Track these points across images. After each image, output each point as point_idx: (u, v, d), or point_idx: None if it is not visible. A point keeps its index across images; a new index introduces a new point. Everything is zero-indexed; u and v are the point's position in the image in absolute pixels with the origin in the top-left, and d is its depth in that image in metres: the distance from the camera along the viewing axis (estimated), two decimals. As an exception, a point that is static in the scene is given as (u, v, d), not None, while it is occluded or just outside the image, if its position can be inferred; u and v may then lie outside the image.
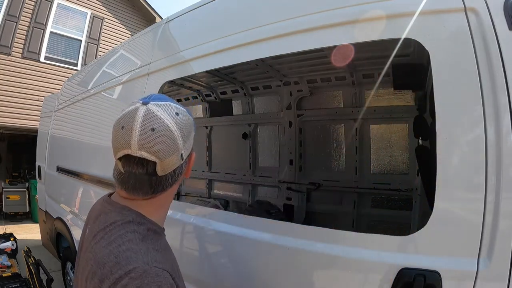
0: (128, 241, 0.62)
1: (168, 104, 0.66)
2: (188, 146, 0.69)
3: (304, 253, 1.03)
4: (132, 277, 0.56)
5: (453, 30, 0.86)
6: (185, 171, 0.73)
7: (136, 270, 0.57)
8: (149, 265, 0.59)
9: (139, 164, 0.63)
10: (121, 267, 0.58)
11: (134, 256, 0.59)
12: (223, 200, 3.32)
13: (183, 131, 0.65)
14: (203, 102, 3.41)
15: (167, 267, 0.61)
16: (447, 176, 0.83)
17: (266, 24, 1.23)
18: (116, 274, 0.57)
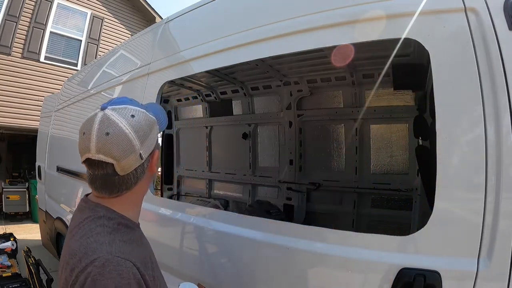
0: (96, 234, 0.67)
1: (124, 107, 0.71)
2: (148, 145, 0.72)
3: (304, 253, 1.03)
4: (96, 265, 0.62)
5: (453, 30, 0.86)
6: (150, 168, 0.76)
7: (99, 259, 0.62)
8: (112, 254, 0.64)
9: (99, 166, 0.68)
10: (88, 256, 0.63)
11: (100, 247, 0.65)
12: (223, 200, 3.33)
13: (139, 132, 0.69)
14: (203, 102, 3.41)
15: (132, 258, 0.66)
16: (447, 176, 0.83)
17: (266, 24, 1.23)
18: (83, 263, 0.63)
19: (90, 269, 0.62)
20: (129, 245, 0.70)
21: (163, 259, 1.55)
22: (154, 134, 0.74)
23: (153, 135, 0.74)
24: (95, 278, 0.61)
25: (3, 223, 6.41)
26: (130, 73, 1.98)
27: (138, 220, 0.82)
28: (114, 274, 0.61)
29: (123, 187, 0.72)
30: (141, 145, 0.70)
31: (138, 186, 0.75)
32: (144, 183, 0.77)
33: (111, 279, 0.61)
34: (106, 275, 0.61)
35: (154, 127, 0.75)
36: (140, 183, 0.75)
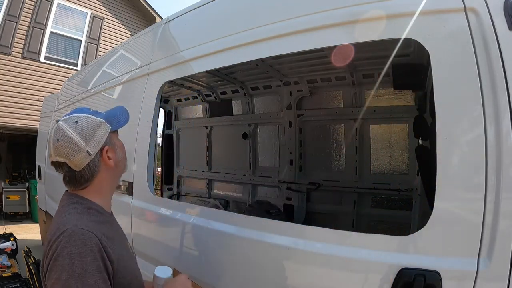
0: (68, 214, 0.84)
1: (70, 117, 0.88)
2: (94, 143, 0.87)
3: (304, 253, 1.03)
4: (64, 235, 0.76)
5: (453, 30, 0.86)
6: (104, 162, 0.90)
7: (67, 230, 0.77)
8: (77, 227, 0.78)
9: (59, 166, 0.88)
10: (59, 230, 0.78)
11: (68, 222, 0.80)
12: (223, 200, 3.33)
13: (83, 134, 0.85)
14: (203, 102, 3.41)
15: (95, 231, 0.79)
16: (447, 176, 0.83)
17: (266, 24, 1.23)
18: (56, 235, 0.77)
19: (60, 239, 0.76)
20: (95, 223, 0.83)
21: (163, 258, 1.56)
22: (100, 133, 0.89)
23: (99, 134, 0.88)
24: (63, 245, 0.75)
25: (3, 223, 6.41)
26: (130, 73, 1.98)
27: (111, 210, 0.98)
28: (78, 242, 0.75)
29: (83, 180, 0.88)
30: (87, 144, 0.85)
31: (98, 178, 0.90)
32: (103, 175, 0.91)
33: (76, 246, 0.75)
34: (72, 242, 0.75)
35: (100, 127, 0.89)
36: (99, 176, 0.90)
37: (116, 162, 0.93)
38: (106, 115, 0.94)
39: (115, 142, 0.94)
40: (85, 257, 0.75)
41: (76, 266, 0.74)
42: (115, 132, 0.96)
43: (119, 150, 0.95)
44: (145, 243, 1.70)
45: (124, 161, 0.98)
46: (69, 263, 0.74)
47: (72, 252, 0.74)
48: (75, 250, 0.74)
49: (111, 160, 0.91)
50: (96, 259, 0.76)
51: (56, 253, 0.75)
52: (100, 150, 0.89)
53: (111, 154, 0.91)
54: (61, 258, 0.74)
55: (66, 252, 0.74)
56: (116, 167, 0.94)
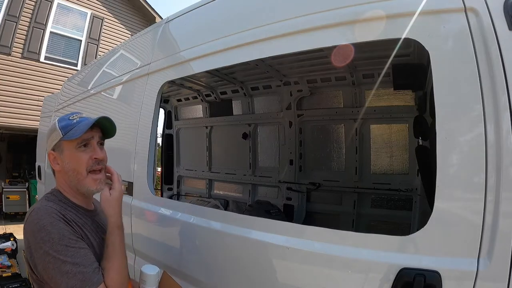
0: (40, 201, 0.96)
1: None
2: (48, 145, 1.01)
3: (304, 253, 1.03)
4: (32, 214, 0.88)
5: (453, 30, 0.86)
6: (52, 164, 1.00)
7: (34, 210, 0.90)
8: (42, 205, 0.91)
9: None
10: (30, 212, 0.91)
11: (36, 204, 0.94)
12: (223, 200, 3.33)
13: (46, 135, 1.02)
14: (203, 102, 3.41)
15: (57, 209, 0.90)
16: (447, 176, 0.83)
17: (266, 24, 1.23)
18: (25, 218, 0.90)
19: (29, 219, 0.87)
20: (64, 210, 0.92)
21: (163, 258, 1.56)
22: (51, 138, 0.99)
23: (51, 138, 0.99)
24: (34, 222, 0.86)
25: (3, 223, 6.41)
26: (130, 73, 1.98)
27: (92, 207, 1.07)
28: (45, 215, 0.87)
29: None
30: (46, 143, 1.02)
31: (56, 175, 1.02)
32: (58, 175, 1.01)
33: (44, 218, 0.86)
34: (40, 217, 0.86)
35: (53, 133, 0.98)
36: (56, 174, 1.02)
37: (64, 169, 0.98)
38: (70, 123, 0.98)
39: (64, 151, 0.97)
40: (57, 224, 0.85)
41: (53, 233, 0.83)
42: (71, 142, 0.96)
43: (69, 161, 0.97)
44: (145, 243, 1.70)
45: (74, 174, 0.97)
46: (46, 234, 0.83)
47: (44, 224, 0.84)
48: (46, 222, 0.84)
49: (57, 165, 0.99)
50: (66, 225, 0.87)
51: (32, 232, 0.84)
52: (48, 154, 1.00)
53: (58, 160, 0.98)
54: (38, 234, 0.83)
55: (39, 226, 0.84)
56: (65, 174, 0.98)
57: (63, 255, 0.82)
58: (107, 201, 0.99)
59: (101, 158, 0.99)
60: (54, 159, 0.99)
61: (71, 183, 0.98)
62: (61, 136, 0.96)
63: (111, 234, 0.96)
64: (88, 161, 0.97)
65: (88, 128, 0.95)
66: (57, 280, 0.82)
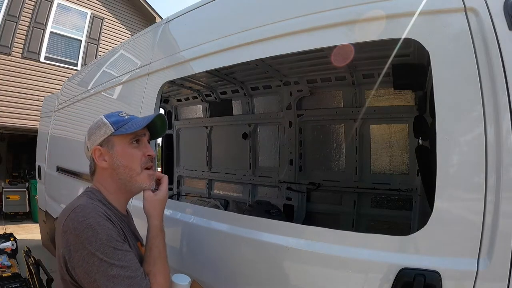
0: (78, 198, 0.89)
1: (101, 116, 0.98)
2: (92, 141, 0.95)
3: (304, 253, 1.03)
4: (76, 211, 0.80)
5: (453, 30, 0.86)
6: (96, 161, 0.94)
7: (79, 206, 0.82)
8: (88, 202, 0.84)
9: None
10: (69, 209, 0.83)
11: (78, 201, 0.86)
12: (223, 200, 3.33)
13: (89, 132, 0.97)
14: (203, 102, 3.41)
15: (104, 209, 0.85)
16: (447, 176, 0.83)
17: (266, 24, 1.23)
18: (66, 214, 0.81)
19: (74, 215, 0.80)
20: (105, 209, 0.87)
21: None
22: (98, 133, 0.94)
23: (97, 133, 0.94)
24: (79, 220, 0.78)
25: (3, 223, 6.41)
26: (130, 73, 1.98)
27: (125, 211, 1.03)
28: (93, 213, 0.80)
29: (90, 171, 0.99)
30: (88, 140, 0.96)
31: (97, 174, 0.97)
32: (101, 174, 0.95)
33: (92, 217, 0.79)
34: (87, 215, 0.79)
35: (101, 128, 0.94)
36: (97, 173, 0.96)
37: (113, 166, 0.92)
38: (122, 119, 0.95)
39: (115, 147, 0.93)
40: (104, 224, 0.79)
41: (100, 233, 0.76)
42: (123, 137, 0.93)
43: (120, 157, 0.92)
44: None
45: (126, 171, 0.93)
46: (93, 234, 0.76)
47: (91, 224, 0.77)
48: (93, 221, 0.78)
49: (104, 162, 0.93)
50: (113, 226, 0.81)
51: (74, 230, 0.77)
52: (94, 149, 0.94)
53: (106, 157, 0.93)
54: (83, 233, 0.76)
55: (85, 225, 0.77)
56: (113, 171, 0.93)
57: (110, 257, 0.76)
58: (151, 202, 0.97)
59: (153, 155, 0.98)
60: (100, 155, 0.93)
61: (120, 180, 0.93)
62: (112, 131, 0.92)
63: (155, 237, 0.93)
64: (141, 158, 0.94)
65: (147, 123, 0.94)
66: (101, 285, 0.75)
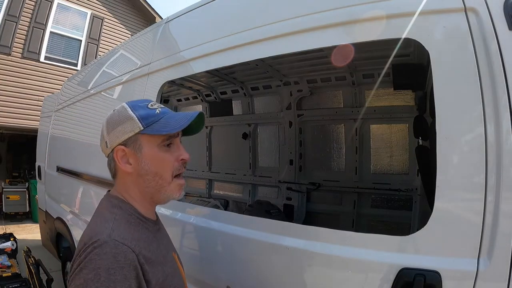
0: (105, 221, 0.72)
1: (122, 103, 0.81)
2: (112, 137, 0.77)
3: (304, 253, 1.03)
4: (95, 246, 0.65)
5: (453, 30, 0.86)
6: (118, 163, 0.77)
7: (99, 240, 0.66)
8: (111, 238, 0.67)
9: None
10: (91, 238, 0.67)
11: (104, 230, 0.68)
12: (223, 200, 3.33)
13: (108, 124, 0.78)
14: (203, 102, 3.41)
15: (131, 244, 0.68)
16: (447, 176, 0.83)
17: (266, 24, 1.23)
18: (86, 244, 0.66)
19: (90, 249, 0.65)
20: (134, 233, 0.72)
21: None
22: (121, 128, 0.76)
23: (120, 129, 0.76)
24: (91, 257, 0.64)
25: (3, 223, 6.41)
26: (130, 73, 1.98)
27: (155, 217, 0.87)
28: (109, 256, 0.64)
29: (110, 172, 0.81)
30: (107, 134, 0.78)
31: (119, 177, 0.80)
32: (124, 177, 0.79)
33: (105, 260, 0.63)
34: (102, 255, 0.64)
35: (126, 122, 0.76)
36: (119, 175, 0.80)
37: (139, 172, 0.76)
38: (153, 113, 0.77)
39: (144, 149, 0.76)
40: (114, 275, 0.63)
41: (101, 283, 0.62)
42: (153, 137, 0.76)
43: (149, 162, 0.76)
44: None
45: (155, 179, 0.77)
46: (93, 278, 0.62)
47: (99, 267, 0.63)
48: (103, 265, 0.63)
49: (129, 165, 0.76)
50: (127, 278, 0.64)
51: (82, 264, 0.64)
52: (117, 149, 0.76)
53: (131, 159, 0.76)
54: (86, 271, 0.63)
55: (93, 265, 0.63)
56: (140, 178, 0.77)
57: None
58: None
59: (188, 159, 0.81)
60: (123, 156, 0.76)
61: (147, 189, 0.77)
62: (140, 128, 0.74)
63: None
64: (174, 164, 0.78)
65: (187, 124, 0.77)
66: None
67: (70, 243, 2.77)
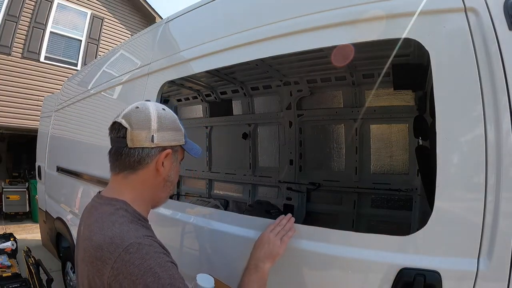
0: (120, 224, 0.71)
1: (162, 105, 0.84)
2: (163, 136, 0.79)
3: (304, 253, 1.03)
4: (131, 252, 0.65)
5: (453, 30, 0.86)
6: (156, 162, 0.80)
7: (132, 245, 0.66)
8: (141, 238, 0.68)
9: (116, 127, 0.78)
10: (118, 246, 0.66)
11: (127, 234, 0.68)
12: (223, 200, 3.33)
13: (161, 119, 0.79)
14: (203, 102, 3.41)
15: (156, 240, 0.73)
16: (447, 176, 0.83)
17: (266, 24, 1.23)
18: (115, 253, 0.65)
19: (128, 257, 0.64)
20: (149, 230, 0.77)
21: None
22: (175, 134, 0.82)
23: (172, 132, 0.81)
24: (137, 263, 0.64)
25: (3, 223, 6.41)
26: (130, 73, 1.98)
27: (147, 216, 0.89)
28: (152, 253, 0.66)
29: (126, 162, 0.78)
30: (157, 130, 0.78)
31: (142, 172, 0.79)
32: (149, 174, 0.80)
33: (152, 258, 0.65)
34: (145, 256, 0.65)
35: (178, 131, 0.83)
36: (145, 171, 0.79)
37: (166, 176, 0.83)
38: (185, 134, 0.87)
39: (177, 161, 0.86)
40: (166, 265, 0.67)
41: (163, 278, 0.64)
42: (182, 154, 0.87)
43: (174, 173, 0.86)
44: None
45: (171, 186, 0.86)
46: (154, 280, 0.63)
47: (151, 266, 0.64)
48: (153, 263, 0.65)
49: (163, 167, 0.81)
50: (173, 264, 0.70)
51: (130, 276, 0.63)
52: (162, 149, 0.80)
53: (167, 162, 0.81)
54: (142, 278, 0.63)
55: (144, 268, 0.64)
56: (163, 181, 0.83)
57: None
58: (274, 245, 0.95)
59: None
60: (166, 157, 0.81)
61: (160, 193, 0.85)
62: (183, 142, 0.85)
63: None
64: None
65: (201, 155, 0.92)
66: None
67: (70, 243, 2.77)
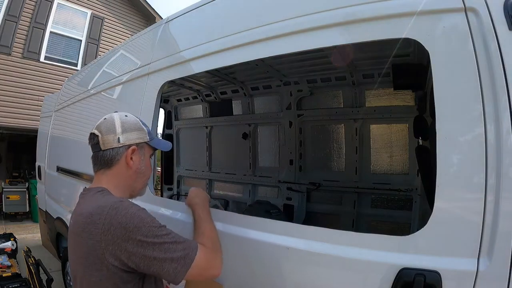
0: (103, 196, 0.91)
1: (125, 113, 1.04)
2: (127, 137, 0.98)
3: (304, 253, 1.03)
4: (115, 207, 0.83)
5: (453, 30, 0.86)
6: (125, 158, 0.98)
7: (115, 203, 0.85)
8: (122, 199, 0.89)
9: (91, 137, 1.00)
10: (104, 207, 0.84)
11: (110, 199, 0.88)
12: (223, 200, 3.33)
13: (124, 124, 0.99)
14: (203, 102, 3.41)
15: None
16: (447, 176, 0.83)
17: (266, 24, 1.23)
18: (103, 213, 0.83)
19: (114, 212, 0.82)
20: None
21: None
22: (136, 134, 1.00)
23: (135, 134, 1.00)
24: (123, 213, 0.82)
25: (3, 223, 6.41)
26: (130, 73, 1.98)
27: None
28: (132, 204, 0.86)
29: (103, 161, 0.97)
30: (122, 132, 0.97)
31: (116, 168, 0.98)
32: (121, 169, 0.98)
33: (133, 207, 0.85)
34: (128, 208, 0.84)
35: (139, 131, 1.01)
36: (117, 166, 0.98)
37: (136, 169, 1.00)
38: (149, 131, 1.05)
39: (146, 155, 1.04)
40: (143, 210, 0.86)
41: (145, 218, 0.84)
42: (149, 149, 1.05)
43: (145, 165, 1.03)
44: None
45: (144, 178, 1.04)
46: (139, 220, 0.82)
47: (134, 212, 0.83)
48: (135, 210, 0.84)
49: (132, 161, 0.98)
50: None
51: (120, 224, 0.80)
52: (128, 146, 0.98)
53: (135, 157, 0.99)
54: (130, 223, 0.81)
55: (130, 214, 0.82)
56: (135, 173, 1.01)
57: (160, 236, 0.83)
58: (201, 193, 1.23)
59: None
60: (133, 153, 0.99)
61: (135, 184, 1.03)
62: (147, 139, 1.03)
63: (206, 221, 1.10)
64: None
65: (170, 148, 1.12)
66: (161, 259, 0.82)
67: (70, 243, 2.77)
